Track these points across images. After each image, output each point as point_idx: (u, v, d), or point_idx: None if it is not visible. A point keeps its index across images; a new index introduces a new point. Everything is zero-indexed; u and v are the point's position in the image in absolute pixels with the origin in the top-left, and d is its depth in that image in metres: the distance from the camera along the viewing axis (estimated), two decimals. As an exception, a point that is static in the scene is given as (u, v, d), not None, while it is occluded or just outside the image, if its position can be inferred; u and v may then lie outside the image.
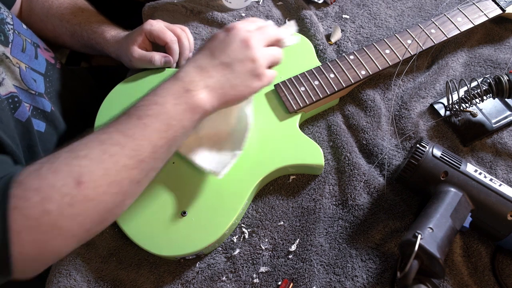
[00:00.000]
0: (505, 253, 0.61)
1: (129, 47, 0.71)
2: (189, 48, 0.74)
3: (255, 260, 0.62)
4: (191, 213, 0.61)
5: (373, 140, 0.69)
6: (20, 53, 0.68)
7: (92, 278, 0.62)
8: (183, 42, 0.73)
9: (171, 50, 0.72)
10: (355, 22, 0.82)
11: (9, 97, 0.62)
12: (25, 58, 0.69)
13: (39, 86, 0.71)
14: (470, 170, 0.59)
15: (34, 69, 0.71)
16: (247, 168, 0.64)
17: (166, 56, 0.71)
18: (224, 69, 0.52)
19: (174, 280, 0.62)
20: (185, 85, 0.50)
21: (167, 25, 0.74)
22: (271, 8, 0.85)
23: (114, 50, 0.75)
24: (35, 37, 0.74)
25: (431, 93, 0.73)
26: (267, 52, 0.55)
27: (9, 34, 0.66)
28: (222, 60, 0.52)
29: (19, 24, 0.70)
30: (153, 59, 0.71)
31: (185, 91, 0.50)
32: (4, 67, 0.63)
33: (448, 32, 0.73)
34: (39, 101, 0.70)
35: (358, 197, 0.65)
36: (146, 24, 0.72)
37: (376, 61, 0.71)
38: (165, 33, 0.71)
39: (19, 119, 0.64)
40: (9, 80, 0.63)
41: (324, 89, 0.69)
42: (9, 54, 0.64)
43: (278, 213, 0.65)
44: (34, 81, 0.69)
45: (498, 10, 0.76)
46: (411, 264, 0.49)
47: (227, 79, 0.52)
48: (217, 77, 0.52)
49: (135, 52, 0.71)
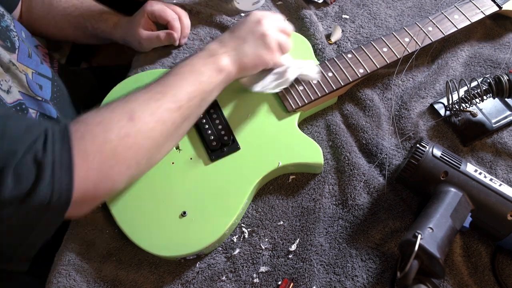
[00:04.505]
0: (505, 253, 0.61)
1: (135, 30, 0.76)
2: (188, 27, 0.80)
3: (255, 260, 0.62)
4: (191, 213, 0.61)
5: (372, 140, 0.69)
6: (27, 58, 0.69)
7: (91, 278, 0.62)
8: (183, 20, 0.78)
9: (173, 27, 0.77)
10: (355, 22, 0.82)
11: (16, 105, 0.63)
12: (32, 64, 0.70)
13: (45, 92, 0.72)
14: (470, 170, 0.59)
15: (41, 74, 0.72)
16: (247, 168, 0.64)
17: (169, 32, 0.76)
18: (238, 40, 0.62)
19: (174, 280, 0.62)
20: (209, 52, 0.60)
21: (167, 4, 0.79)
22: (271, 7, 0.85)
23: (120, 36, 0.79)
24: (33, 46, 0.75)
25: (431, 93, 0.73)
26: (277, 33, 0.64)
27: (15, 41, 0.67)
28: (238, 34, 0.62)
29: (20, 32, 0.71)
30: (159, 36, 0.76)
31: (210, 56, 0.60)
32: (11, 74, 0.64)
33: (445, 29, 0.73)
34: (46, 108, 0.70)
35: (358, 197, 0.65)
36: (147, 5, 0.76)
37: (374, 59, 0.71)
38: (166, 11, 0.77)
39: None
40: (16, 88, 0.64)
41: (322, 88, 0.69)
42: (15, 61, 0.65)
43: (278, 213, 0.65)
44: (40, 87, 0.70)
45: (494, 7, 0.76)
46: (411, 264, 0.49)
47: (241, 48, 0.61)
48: (233, 46, 0.61)
49: (142, 34, 0.76)
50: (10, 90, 0.62)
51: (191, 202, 0.62)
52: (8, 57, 0.63)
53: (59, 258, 0.63)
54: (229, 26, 0.82)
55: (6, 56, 0.63)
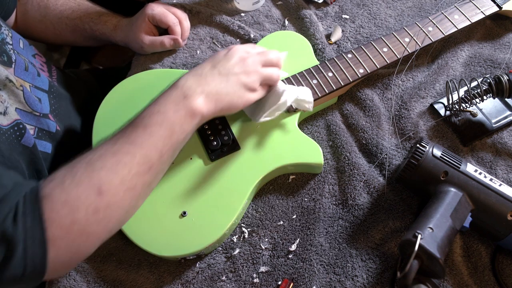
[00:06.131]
0: (505, 253, 0.61)
1: (137, 35, 0.76)
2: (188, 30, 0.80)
3: (255, 260, 0.62)
4: (191, 213, 0.61)
5: (372, 140, 0.69)
6: (24, 72, 0.67)
7: (91, 278, 0.62)
8: (183, 23, 0.78)
9: (174, 32, 0.77)
10: (355, 22, 0.82)
11: (14, 125, 0.61)
12: (29, 77, 0.68)
13: (43, 106, 0.70)
14: (470, 170, 0.59)
15: (38, 87, 0.70)
16: (247, 168, 0.64)
17: (174, 38, 0.76)
18: (220, 78, 0.58)
19: (174, 280, 0.62)
20: (183, 91, 0.55)
21: (167, 7, 0.78)
22: (270, 8, 0.85)
23: (121, 38, 0.79)
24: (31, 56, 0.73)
25: (431, 93, 0.73)
26: (262, 71, 0.60)
27: (11, 54, 0.65)
28: (220, 71, 0.58)
29: (17, 43, 0.69)
30: (163, 42, 0.76)
31: (183, 97, 0.55)
32: (7, 91, 0.62)
33: (445, 29, 0.73)
34: (44, 122, 0.69)
35: (358, 197, 0.65)
36: (147, 8, 0.75)
37: (374, 59, 0.71)
38: (167, 16, 0.76)
39: (26, 145, 0.63)
40: (12, 106, 0.62)
41: (322, 88, 0.69)
42: (12, 77, 0.63)
43: (278, 213, 0.65)
44: (38, 101, 0.69)
45: (494, 7, 0.76)
46: (411, 264, 0.49)
47: (222, 87, 0.57)
48: (213, 84, 0.57)
49: (145, 39, 0.76)
50: (7, 111, 0.60)
51: (191, 202, 0.62)
52: (5, 72, 0.61)
53: (59, 258, 0.63)
54: (229, 26, 0.82)
55: (3, 72, 0.61)
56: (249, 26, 0.83)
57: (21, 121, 0.63)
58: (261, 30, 0.82)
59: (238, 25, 0.82)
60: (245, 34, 0.81)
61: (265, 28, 0.82)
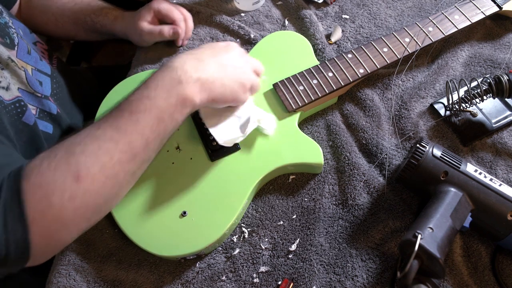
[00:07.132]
0: (505, 253, 0.61)
1: (138, 23, 0.75)
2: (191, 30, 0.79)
3: (255, 260, 0.62)
4: (191, 213, 0.61)
5: (372, 140, 0.69)
6: (26, 55, 0.68)
7: (91, 278, 0.62)
8: (188, 22, 0.78)
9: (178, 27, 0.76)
10: (355, 22, 0.82)
11: (15, 102, 0.62)
12: (31, 60, 0.69)
13: (45, 88, 0.71)
14: (470, 170, 0.59)
15: (41, 71, 0.71)
16: (247, 167, 0.64)
17: (174, 27, 0.76)
18: (219, 68, 0.55)
19: (174, 280, 0.62)
20: (179, 75, 0.52)
21: (174, 5, 0.78)
22: (270, 8, 0.85)
23: (121, 29, 0.79)
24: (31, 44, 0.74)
25: (431, 93, 0.73)
26: (253, 74, 0.61)
27: (14, 37, 0.66)
28: (222, 59, 0.57)
29: (18, 29, 0.70)
30: (162, 30, 0.75)
31: (177, 83, 0.51)
32: (9, 71, 0.63)
33: (445, 30, 0.73)
34: (45, 104, 0.70)
35: (358, 197, 0.65)
36: (154, 2, 0.76)
37: (374, 59, 0.71)
38: (173, 11, 0.76)
39: (26, 123, 0.64)
40: (14, 85, 0.64)
41: (322, 88, 0.69)
42: (14, 58, 0.64)
43: (278, 213, 0.65)
44: (40, 84, 0.70)
45: (495, 8, 0.76)
46: (411, 264, 0.49)
47: (220, 76, 0.55)
48: (211, 72, 0.54)
49: (145, 27, 0.75)
50: (9, 87, 0.61)
51: (191, 202, 0.62)
52: (7, 53, 0.63)
53: (59, 258, 0.63)
54: (229, 26, 0.82)
55: (5, 53, 0.62)
56: (249, 26, 0.83)
57: (22, 98, 0.63)
58: (261, 30, 0.82)
59: (238, 25, 0.82)
60: (245, 34, 0.81)
61: (265, 28, 0.82)
